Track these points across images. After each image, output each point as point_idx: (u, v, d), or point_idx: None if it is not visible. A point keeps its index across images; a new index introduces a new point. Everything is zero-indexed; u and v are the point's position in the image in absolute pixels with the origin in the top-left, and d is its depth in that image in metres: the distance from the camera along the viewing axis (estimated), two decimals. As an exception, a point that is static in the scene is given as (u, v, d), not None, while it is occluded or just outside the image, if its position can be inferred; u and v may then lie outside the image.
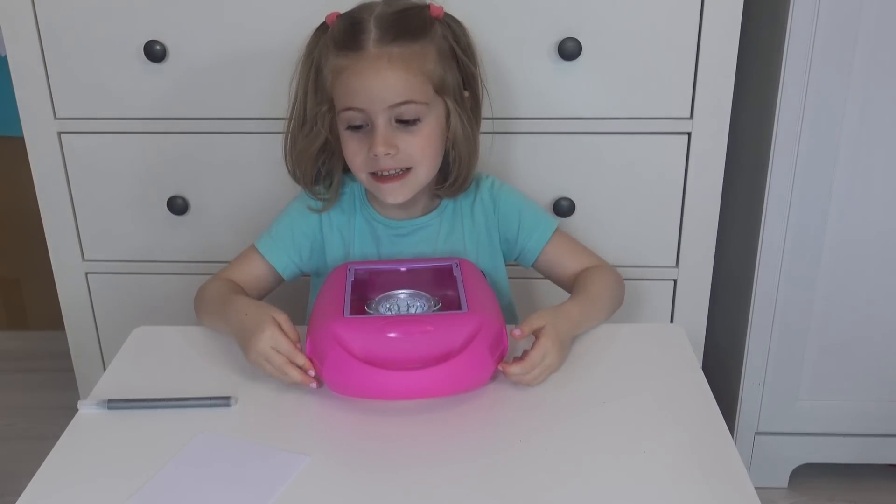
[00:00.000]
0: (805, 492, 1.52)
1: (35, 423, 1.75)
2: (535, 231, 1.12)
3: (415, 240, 1.11)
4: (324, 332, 0.89)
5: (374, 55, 0.97)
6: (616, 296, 1.10)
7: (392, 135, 0.99)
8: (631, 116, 1.27)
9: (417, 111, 0.99)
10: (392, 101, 0.98)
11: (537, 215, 1.14)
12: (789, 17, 1.22)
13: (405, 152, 1.00)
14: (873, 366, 1.43)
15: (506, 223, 1.13)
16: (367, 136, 1.00)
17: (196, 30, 1.25)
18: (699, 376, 0.95)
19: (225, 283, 1.08)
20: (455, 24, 1.05)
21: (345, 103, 1.00)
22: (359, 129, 1.01)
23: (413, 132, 1.00)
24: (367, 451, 0.83)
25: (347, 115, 1.00)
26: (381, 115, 0.98)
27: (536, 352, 0.92)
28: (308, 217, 1.11)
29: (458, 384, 0.88)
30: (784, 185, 1.31)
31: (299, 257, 1.11)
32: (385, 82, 0.97)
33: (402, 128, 1.00)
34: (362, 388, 0.88)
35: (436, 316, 0.92)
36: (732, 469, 0.79)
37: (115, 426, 0.87)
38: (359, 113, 0.99)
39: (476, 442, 0.84)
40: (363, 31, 0.98)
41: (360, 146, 1.01)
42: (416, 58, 0.98)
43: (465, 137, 1.04)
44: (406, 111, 0.98)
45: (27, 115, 1.31)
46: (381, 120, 0.98)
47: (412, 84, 0.98)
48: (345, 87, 0.99)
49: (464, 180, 1.08)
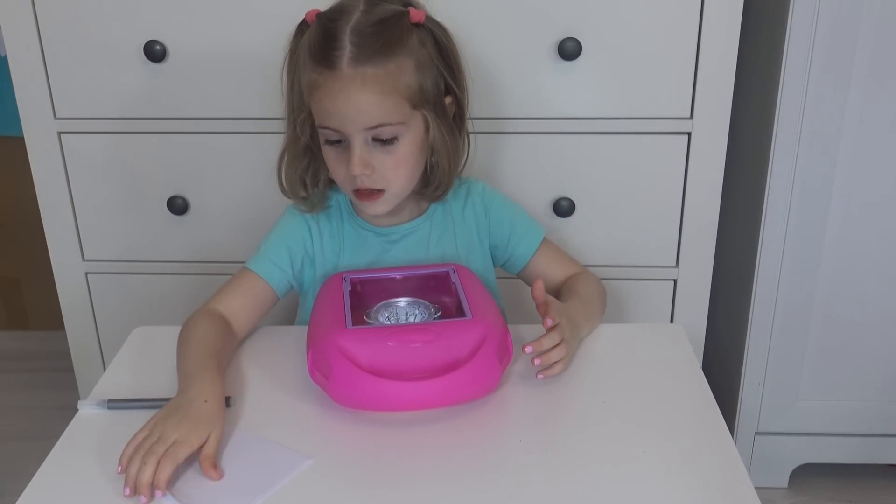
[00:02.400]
0: (805, 492, 1.52)
1: (35, 423, 1.75)
2: (525, 238, 1.13)
3: (405, 245, 1.10)
4: (328, 344, 0.87)
5: (347, 76, 0.93)
6: (603, 301, 1.11)
7: (368, 155, 0.97)
8: (631, 116, 1.27)
9: (394, 131, 0.97)
10: (366, 125, 0.96)
11: (527, 222, 1.15)
12: (789, 18, 1.22)
13: (380, 173, 0.99)
14: (873, 366, 1.43)
15: (497, 229, 1.13)
16: (346, 152, 0.98)
17: (196, 30, 1.25)
18: (699, 376, 0.95)
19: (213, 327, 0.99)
20: (436, 27, 1.01)
21: (320, 121, 0.98)
22: (337, 144, 0.99)
23: (390, 151, 0.98)
24: (367, 450, 0.83)
25: (324, 131, 0.99)
26: (356, 135, 0.96)
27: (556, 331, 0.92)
28: (300, 229, 1.09)
29: (469, 392, 0.87)
30: (784, 185, 1.31)
31: (291, 270, 1.08)
32: (358, 107, 0.94)
33: (379, 146, 0.98)
34: (371, 401, 0.86)
35: (442, 324, 0.90)
36: (732, 469, 0.79)
37: (115, 426, 0.87)
38: (335, 132, 0.98)
39: (476, 442, 0.84)
40: (337, 47, 0.94)
41: (339, 161, 1.00)
42: (390, 77, 0.94)
43: (444, 146, 1.02)
44: (382, 132, 0.97)
45: (27, 115, 1.31)
46: (357, 140, 0.97)
47: (386, 106, 0.95)
48: (319, 105, 0.97)
49: (446, 186, 1.06)
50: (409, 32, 0.97)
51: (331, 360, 0.86)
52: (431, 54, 0.99)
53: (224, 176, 1.33)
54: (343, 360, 0.85)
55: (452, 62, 1.02)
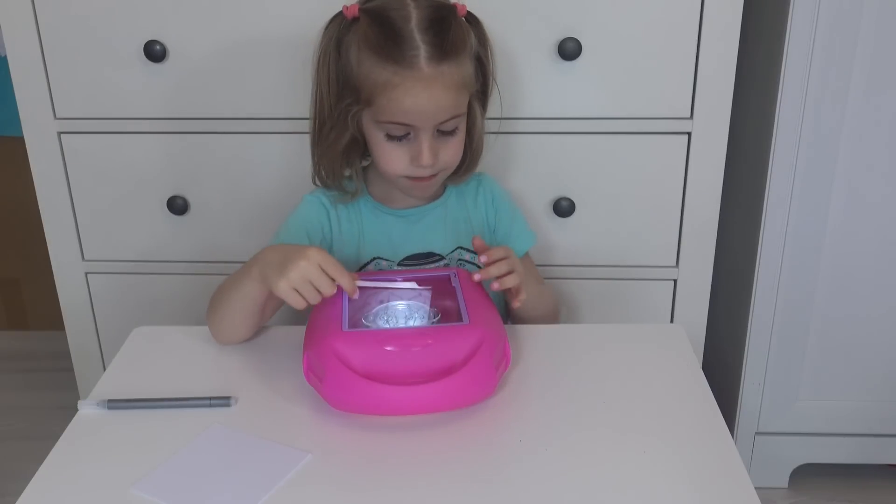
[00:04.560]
0: (805, 492, 1.52)
1: (35, 423, 1.75)
2: (520, 238, 1.17)
3: (424, 226, 1.13)
4: (322, 346, 0.87)
5: (427, 76, 0.96)
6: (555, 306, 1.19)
7: (434, 145, 1.01)
8: (631, 116, 1.27)
9: (457, 122, 1.02)
10: (441, 119, 1.00)
11: (524, 225, 1.20)
12: (789, 18, 1.22)
13: (442, 160, 1.03)
14: (873, 366, 1.43)
15: (502, 220, 1.17)
16: (408, 145, 1.01)
17: (196, 30, 1.25)
18: (699, 376, 0.95)
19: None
20: (475, 21, 1.06)
21: (390, 117, 0.99)
22: (400, 138, 1.01)
23: (450, 140, 1.03)
24: (367, 450, 0.83)
25: (389, 126, 1.00)
26: (428, 129, 1.00)
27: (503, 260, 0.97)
28: (318, 214, 1.12)
29: (463, 398, 0.87)
30: (784, 185, 1.31)
31: None
32: (438, 103, 0.98)
33: (442, 136, 1.02)
34: (364, 405, 0.86)
35: (438, 328, 0.90)
36: (732, 469, 0.79)
37: (115, 426, 0.87)
38: (404, 126, 1.00)
39: (476, 441, 0.84)
40: (412, 46, 0.96)
41: (400, 154, 1.02)
42: (461, 72, 1.00)
43: (481, 129, 1.09)
44: (449, 124, 1.01)
45: (27, 115, 1.31)
46: (428, 133, 1.00)
47: (459, 100, 1.01)
48: (393, 103, 0.98)
49: (473, 167, 1.12)
50: (465, 26, 1.02)
51: (325, 363, 0.86)
52: (474, 44, 1.04)
53: (224, 176, 1.33)
54: (337, 364, 0.85)
55: (489, 49, 1.07)
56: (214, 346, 1.02)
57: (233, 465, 0.80)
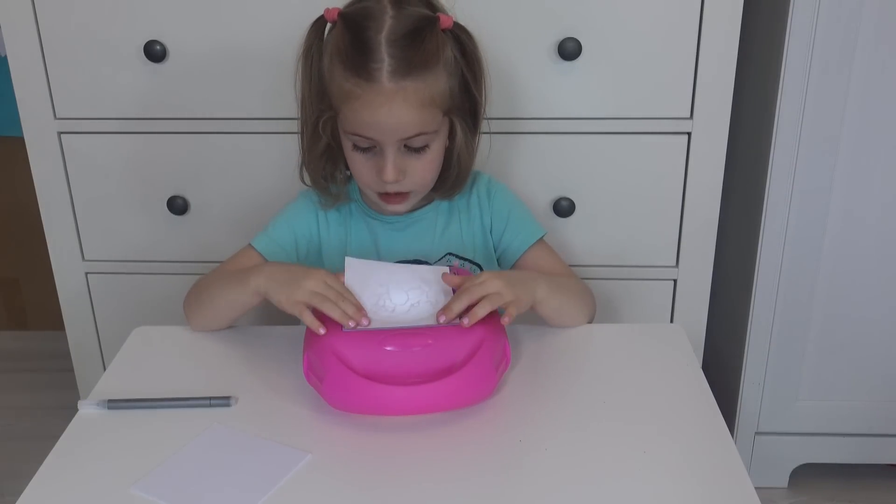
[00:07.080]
0: (805, 492, 1.52)
1: (35, 423, 1.75)
2: (521, 232, 1.13)
3: (412, 234, 1.11)
4: (322, 346, 0.87)
5: (388, 91, 0.93)
6: (585, 300, 1.08)
7: (401, 162, 0.99)
8: (631, 116, 1.27)
9: (427, 140, 0.99)
10: (404, 136, 0.97)
11: (526, 218, 1.15)
12: (789, 18, 1.22)
13: (410, 178, 1.00)
14: (873, 366, 1.43)
15: (496, 218, 1.13)
16: (375, 158, 0.99)
17: (196, 30, 1.25)
18: (699, 376, 0.95)
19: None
20: (462, 32, 1.01)
21: (353, 129, 0.98)
22: (366, 150, 1.00)
23: (420, 156, 1.00)
24: (367, 450, 0.83)
25: (354, 138, 0.99)
26: (391, 145, 0.97)
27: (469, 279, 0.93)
28: (307, 214, 1.11)
29: (463, 398, 0.87)
30: (784, 185, 1.31)
31: (296, 253, 1.10)
32: (399, 119, 0.95)
33: (410, 153, 0.99)
34: (363, 405, 0.86)
35: (437, 329, 0.90)
36: (732, 469, 0.79)
37: (115, 426, 0.87)
38: (367, 139, 0.98)
39: (476, 441, 0.84)
40: (375, 59, 0.93)
41: (367, 167, 1.01)
42: (428, 89, 0.95)
43: (466, 148, 1.04)
44: (416, 141, 0.98)
45: (27, 115, 1.31)
46: (391, 149, 0.97)
47: (424, 117, 0.96)
48: (354, 114, 0.96)
49: (461, 184, 1.09)
50: (442, 40, 0.97)
51: (325, 363, 0.86)
52: (458, 58, 1.00)
53: (224, 176, 1.33)
54: (337, 364, 0.85)
55: (475, 64, 1.02)
56: (214, 346, 1.02)
57: (233, 465, 0.81)
